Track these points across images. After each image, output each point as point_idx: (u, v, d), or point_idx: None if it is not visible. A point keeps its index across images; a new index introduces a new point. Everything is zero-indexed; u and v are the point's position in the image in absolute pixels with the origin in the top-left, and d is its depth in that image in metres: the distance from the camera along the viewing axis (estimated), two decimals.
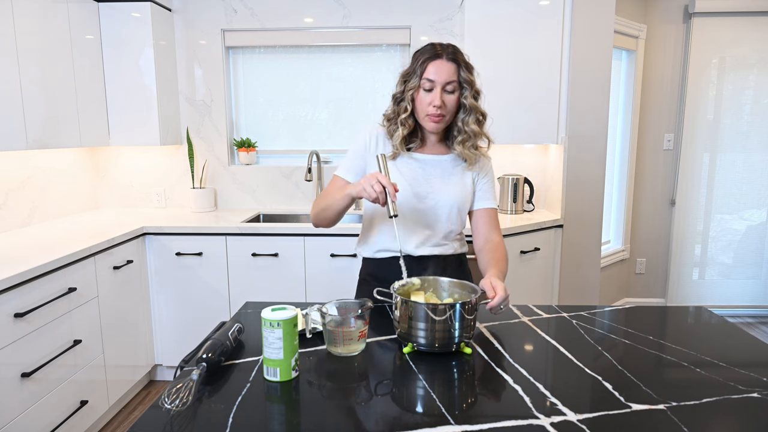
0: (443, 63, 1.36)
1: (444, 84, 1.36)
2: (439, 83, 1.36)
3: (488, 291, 1.21)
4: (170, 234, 2.63)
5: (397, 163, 1.46)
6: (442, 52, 1.38)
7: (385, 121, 1.49)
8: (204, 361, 1.01)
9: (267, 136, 3.28)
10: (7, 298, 1.74)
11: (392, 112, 1.47)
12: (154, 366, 2.81)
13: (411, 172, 1.46)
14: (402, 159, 1.46)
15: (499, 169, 3.04)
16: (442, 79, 1.36)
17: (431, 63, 1.37)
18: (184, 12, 3.07)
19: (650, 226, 3.81)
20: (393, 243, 1.46)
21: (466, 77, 1.38)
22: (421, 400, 0.96)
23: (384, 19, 3.05)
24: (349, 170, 1.50)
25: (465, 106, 1.40)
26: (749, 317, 3.83)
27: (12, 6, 2.13)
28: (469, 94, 1.39)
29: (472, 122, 1.41)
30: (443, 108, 1.38)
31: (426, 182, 1.46)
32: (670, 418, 0.89)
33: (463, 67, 1.38)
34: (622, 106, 3.64)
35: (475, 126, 1.42)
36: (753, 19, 3.51)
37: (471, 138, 1.43)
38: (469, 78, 1.38)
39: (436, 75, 1.36)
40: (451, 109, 1.40)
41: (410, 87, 1.40)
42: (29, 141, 2.24)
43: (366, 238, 1.56)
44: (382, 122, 1.50)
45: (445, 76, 1.36)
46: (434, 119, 1.39)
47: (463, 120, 1.42)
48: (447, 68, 1.36)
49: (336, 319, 1.13)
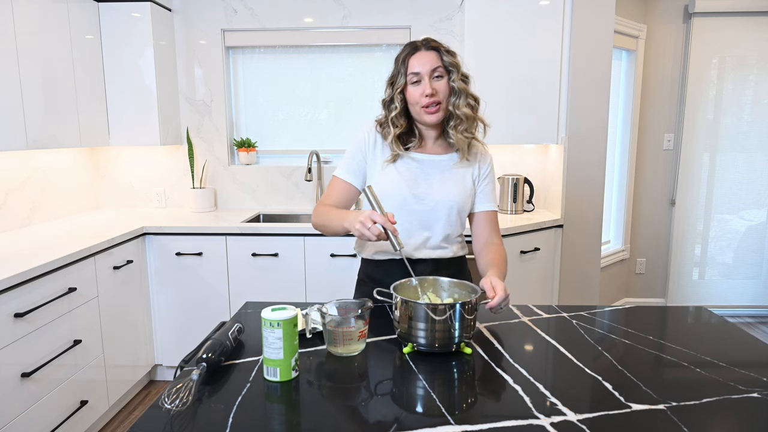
0: (423, 53, 1.38)
1: (430, 72, 1.37)
2: (425, 73, 1.37)
3: (488, 291, 1.21)
4: (170, 234, 2.63)
5: (397, 164, 1.45)
6: (419, 45, 1.39)
7: (378, 126, 1.48)
8: (204, 361, 1.01)
9: (267, 136, 3.28)
10: (7, 298, 1.74)
11: (383, 116, 1.46)
12: (154, 366, 2.81)
13: (409, 173, 1.44)
14: (402, 160, 1.45)
15: (499, 169, 3.04)
16: (426, 68, 1.37)
17: (412, 57, 1.38)
18: (184, 12, 3.07)
19: (650, 226, 3.81)
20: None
21: (450, 60, 1.38)
22: (421, 400, 0.96)
23: (384, 19, 3.05)
24: (348, 171, 1.49)
25: (455, 90, 1.40)
26: (749, 317, 3.83)
27: (12, 6, 2.14)
28: (457, 77, 1.39)
29: (463, 105, 1.40)
30: (436, 95, 1.37)
31: (425, 183, 1.44)
32: (670, 418, 0.89)
33: (444, 52, 1.39)
34: (622, 106, 3.64)
35: (467, 109, 1.40)
36: (753, 19, 3.51)
37: (464, 122, 1.41)
38: (453, 61, 1.39)
39: (420, 66, 1.37)
40: (444, 96, 1.39)
41: (398, 87, 1.40)
42: (29, 141, 2.24)
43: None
44: (375, 127, 1.49)
45: (429, 65, 1.37)
46: (430, 110, 1.38)
47: (454, 104, 1.41)
48: (428, 57, 1.37)
49: (336, 319, 1.13)
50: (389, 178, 1.44)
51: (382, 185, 1.43)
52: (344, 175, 1.49)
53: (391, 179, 1.43)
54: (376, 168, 1.46)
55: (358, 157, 1.49)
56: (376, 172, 1.46)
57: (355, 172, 1.49)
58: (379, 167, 1.46)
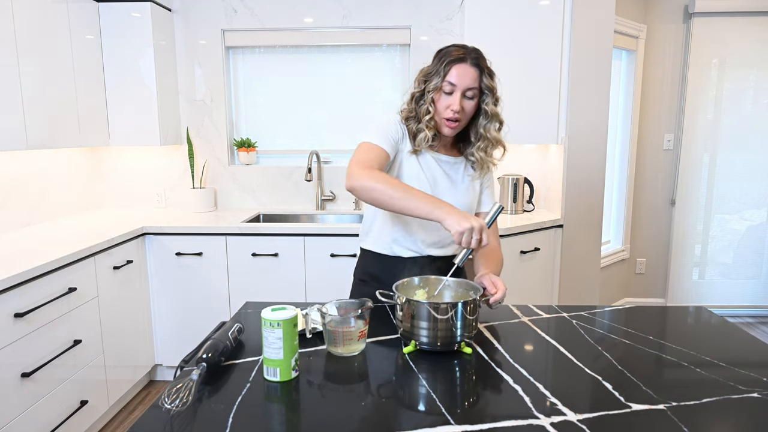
0: (467, 67, 1.34)
1: (465, 89, 1.34)
2: (460, 88, 1.34)
3: (489, 287, 1.24)
4: (170, 234, 2.63)
5: (420, 159, 1.43)
6: (466, 56, 1.34)
7: (404, 119, 1.44)
8: (204, 361, 1.01)
9: (267, 136, 3.28)
10: (7, 298, 1.74)
11: (411, 110, 1.42)
12: (154, 366, 2.81)
13: (432, 171, 1.45)
14: (424, 156, 1.44)
15: (499, 169, 3.01)
16: (464, 84, 1.34)
17: (455, 66, 1.34)
18: (184, 12, 3.07)
19: (650, 226, 3.81)
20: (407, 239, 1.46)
21: (488, 84, 1.36)
22: (421, 400, 0.96)
23: (384, 19, 3.05)
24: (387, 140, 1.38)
25: (486, 113, 1.38)
26: (749, 317, 3.83)
27: (12, 6, 2.13)
28: (491, 100, 1.37)
29: (493, 129, 1.40)
30: (461, 113, 1.36)
31: (445, 182, 1.46)
32: (670, 418, 0.89)
33: (485, 73, 1.36)
34: (622, 106, 3.64)
35: (496, 133, 1.41)
36: (753, 19, 3.51)
37: (492, 145, 1.43)
38: (491, 84, 1.37)
39: (459, 79, 1.33)
40: (468, 115, 1.38)
41: (431, 88, 1.36)
42: (29, 141, 2.24)
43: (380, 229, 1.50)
44: (401, 119, 1.44)
45: (467, 82, 1.34)
46: (450, 125, 1.37)
47: (485, 127, 1.40)
48: (470, 73, 1.34)
49: (336, 319, 1.13)
50: (414, 171, 1.42)
51: (407, 175, 1.43)
52: (383, 142, 1.38)
53: (416, 172, 1.42)
54: (403, 156, 1.44)
55: (394, 132, 1.41)
56: (402, 158, 1.43)
57: (392, 145, 1.40)
58: (405, 156, 1.44)
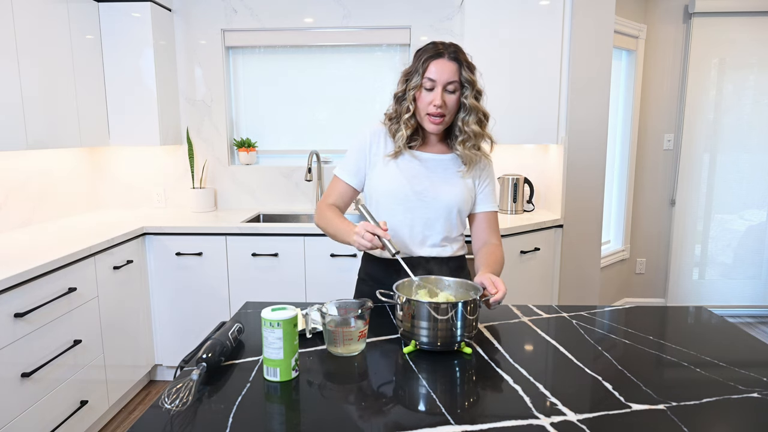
0: (445, 62, 1.36)
1: (445, 84, 1.36)
2: (440, 83, 1.36)
3: (489, 287, 1.23)
4: (170, 234, 2.63)
5: (398, 161, 1.45)
6: (443, 51, 1.37)
7: (387, 120, 1.48)
8: (204, 361, 1.01)
9: (267, 136, 3.28)
10: (7, 298, 1.74)
11: (394, 111, 1.46)
12: (154, 366, 2.81)
13: (412, 171, 1.45)
14: (403, 157, 1.46)
15: (499, 169, 3.03)
16: (443, 78, 1.35)
17: (433, 62, 1.36)
18: (184, 12, 3.07)
19: (650, 226, 3.81)
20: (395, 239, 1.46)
21: (468, 77, 1.37)
22: (421, 400, 0.96)
23: (384, 19, 3.05)
24: (348, 171, 1.50)
25: (465, 106, 1.39)
26: (749, 317, 3.83)
27: (12, 6, 2.13)
28: (470, 93, 1.38)
29: (472, 122, 1.40)
30: (444, 108, 1.37)
31: (427, 180, 1.45)
32: (670, 418, 0.89)
33: (464, 67, 1.37)
34: (622, 106, 3.64)
35: (476, 126, 1.41)
36: (753, 19, 3.51)
37: (471, 138, 1.42)
38: (471, 78, 1.38)
39: (438, 74, 1.35)
40: (451, 110, 1.39)
41: (412, 86, 1.39)
42: (29, 141, 2.24)
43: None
44: (384, 120, 1.49)
45: (446, 76, 1.35)
46: (434, 120, 1.39)
47: (463, 120, 1.41)
48: (448, 67, 1.36)
49: (336, 319, 1.13)
50: (391, 175, 1.44)
51: (383, 181, 1.45)
52: (345, 175, 1.51)
53: (393, 176, 1.44)
54: (378, 164, 1.47)
55: (358, 158, 1.50)
56: (378, 168, 1.47)
57: (354, 173, 1.50)
58: (380, 163, 1.46)
